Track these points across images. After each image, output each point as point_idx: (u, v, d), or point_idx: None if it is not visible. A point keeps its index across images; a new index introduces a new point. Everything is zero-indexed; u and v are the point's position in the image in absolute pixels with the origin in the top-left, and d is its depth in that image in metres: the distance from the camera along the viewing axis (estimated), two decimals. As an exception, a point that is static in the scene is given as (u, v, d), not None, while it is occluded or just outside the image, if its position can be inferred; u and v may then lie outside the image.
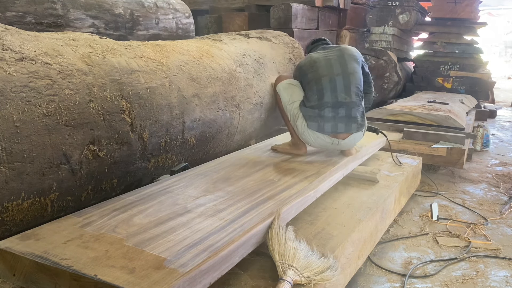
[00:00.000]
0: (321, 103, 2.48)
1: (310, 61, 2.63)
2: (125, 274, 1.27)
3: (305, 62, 2.68)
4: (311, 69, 2.59)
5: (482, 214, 3.11)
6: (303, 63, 2.68)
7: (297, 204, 1.99)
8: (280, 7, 4.83)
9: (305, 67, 2.64)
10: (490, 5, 14.43)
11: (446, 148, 3.74)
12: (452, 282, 2.25)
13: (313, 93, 2.52)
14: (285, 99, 2.66)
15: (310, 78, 2.56)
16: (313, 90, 2.52)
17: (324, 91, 2.49)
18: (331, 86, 2.49)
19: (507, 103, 8.95)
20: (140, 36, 3.58)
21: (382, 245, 2.60)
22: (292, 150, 2.69)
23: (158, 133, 2.35)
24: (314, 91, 2.52)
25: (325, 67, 2.55)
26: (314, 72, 2.57)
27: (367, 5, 7.18)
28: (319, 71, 2.55)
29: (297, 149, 2.68)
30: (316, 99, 2.50)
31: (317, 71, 2.56)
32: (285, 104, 2.67)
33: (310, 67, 2.60)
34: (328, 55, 2.62)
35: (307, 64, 2.64)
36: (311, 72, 2.58)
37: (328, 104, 2.47)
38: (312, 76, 2.56)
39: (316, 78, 2.54)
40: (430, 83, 6.78)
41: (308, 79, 2.58)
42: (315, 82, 2.53)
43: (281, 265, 1.60)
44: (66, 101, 1.88)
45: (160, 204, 1.80)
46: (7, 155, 1.65)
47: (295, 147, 2.69)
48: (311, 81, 2.55)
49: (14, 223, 1.76)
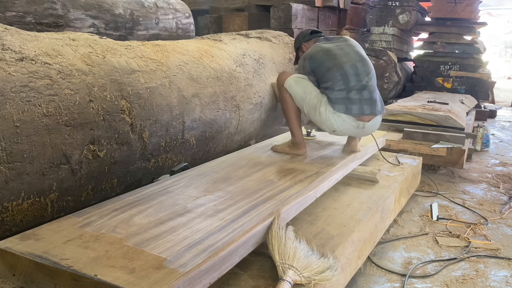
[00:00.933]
0: (348, 87, 2.52)
1: (322, 50, 2.62)
2: (125, 274, 1.27)
3: (316, 52, 2.63)
4: (327, 57, 2.57)
5: (482, 214, 3.11)
6: (314, 53, 2.63)
7: (297, 204, 1.99)
8: (280, 7, 4.83)
9: (319, 56, 2.60)
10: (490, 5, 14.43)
11: (446, 148, 3.74)
12: (452, 282, 2.25)
13: (337, 79, 2.52)
14: (300, 92, 2.61)
15: (330, 66, 2.55)
16: (336, 76, 2.52)
17: (349, 76, 2.52)
18: (354, 71, 2.54)
19: (507, 103, 8.95)
20: (140, 36, 3.58)
21: (382, 245, 2.60)
22: (292, 150, 2.68)
23: (158, 133, 2.35)
24: (337, 78, 2.52)
25: (342, 55, 2.57)
26: (332, 59, 2.56)
27: (367, 5, 7.18)
28: (338, 59, 2.56)
29: (297, 149, 2.67)
30: (342, 84, 2.52)
31: (336, 58, 2.56)
32: (300, 97, 2.61)
33: (326, 55, 2.58)
34: (339, 45, 2.64)
35: (320, 53, 2.61)
36: (329, 60, 2.56)
37: (355, 87, 2.52)
38: (332, 63, 2.55)
39: (337, 65, 2.54)
40: (430, 83, 6.78)
41: (327, 67, 2.56)
42: (337, 68, 2.53)
43: (281, 265, 1.60)
44: (66, 101, 1.88)
45: (160, 204, 1.80)
46: (7, 155, 1.65)
47: (295, 147, 2.68)
48: (332, 68, 2.54)
49: (14, 223, 1.76)
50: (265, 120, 3.40)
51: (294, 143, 2.69)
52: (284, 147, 2.72)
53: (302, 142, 2.68)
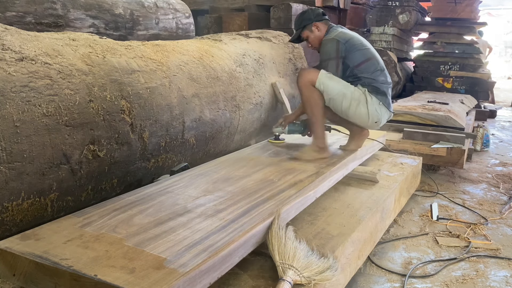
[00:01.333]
0: (387, 81, 2.54)
1: (356, 37, 2.55)
2: (125, 274, 1.27)
3: (351, 37, 2.51)
4: (362, 46, 2.51)
5: (482, 214, 3.11)
6: (349, 38, 2.50)
7: (297, 204, 1.99)
8: (280, 7, 4.83)
9: (356, 43, 2.51)
10: (490, 5, 14.43)
11: (446, 148, 3.74)
12: (452, 282, 2.25)
13: (377, 69, 2.50)
14: (338, 87, 2.45)
15: (369, 56, 2.51)
16: (376, 66, 2.51)
17: (385, 71, 2.56)
18: (385, 67, 2.59)
19: (507, 103, 8.95)
20: (140, 36, 3.58)
21: (382, 245, 2.60)
22: (321, 154, 2.52)
23: (158, 133, 2.35)
24: (377, 68, 2.51)
25: (372, 49, 2.58)
26: (368, 50, 2.52)
27: (367, 5, 7.18)
28: (372, 51, 2.55)
29: (324, 152, 2.54)
30: (383, 76, 2.53)
31: (370, 50, 2.54)
32: (340, 92, 2.45)
33: (361, 44, 2.52)
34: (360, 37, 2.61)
35: (354, 39, 2.52)
36: (366, 49, 2.52)
37: (389, 83, 2.58)
38: (370, 54, 2.52)
39: (375, 57, 2.53)
40: (430, 83, 6.79)
41: (366, 56, 2.50)
42: (377, 61, 2.53)
43: (281, 265, 1.60)
44: (66, 101, 1.88)
45: (160, 204, 1.80)
46: (7, 155, 1.65)
47: (322, 151, 2.53)
48: (371, 59, 2.51)
49: (14, 223, 1.76)
50: (265, 120, 3.40)
51: (322, 147, 2.54)
52: (311, 153, 2.53)
53: (327, 144, 2.57)
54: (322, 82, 2.44)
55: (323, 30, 2.61)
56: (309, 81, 2.46)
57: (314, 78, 2.44)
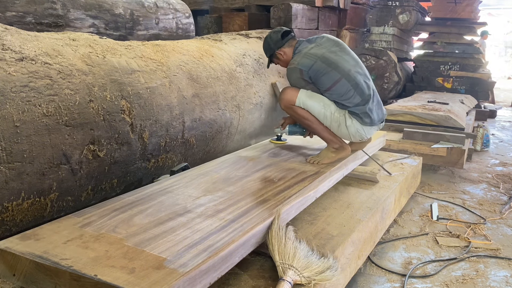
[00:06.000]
0: (364, 98, 2.39)
1: (317, 57, 2.37)
2: (125, 274, 1.27)
3: (311, 61, 2.37)
4: (329, 67, 2.36)
5: (482, 214, 3.11)
6: (309, 63, 2.37)
7: (297, 204, 1.99)
8: (280, 7, 4.83)
9: (318, 66, 2.36)
10: (490, 5, 14.42)
11: (446, 148, 3.74)
12: (452, 282, 2.25)
13: (349, 89, 2.36)
14: (318, 107, 2.40)
15: (336, 77, 2.35)
16: (347, 87, 2.35)
17: (360, 85, 2.38)
18: (361, 77, 2.41)
19: (507, 103, 8.95)
20: (140, 36, 3.58)
21: (382, 245, 2.60)
22: (339, 154, 2.51)
23: (158, 133, 2.35)
24: (349, 88, 2.36)
25: (342, 61, 2.39)
26: (335, 69, 2.36)
27: (367, 5, 7.18)
28: (341, 67, 2.37)
29: (343, 151, 2.51)
30: (357, 95, 2.38)
31: (338, 67, 2.37)
32: (319, 112, 2.41)
33: (325, 64, 2.36)
34: (330, 49, 2.43)
35: (317, 62, 2.37)
36: (332, 69, 2.36)
37: (369, 96, 2.41)
38: (338, 73, 2.36)
39: (344, 74, 2.36)
40: (430, 83, 6.78)
41: (333, 79, 2.36)
42: (346, 78, 2.36)
43: (281, 265, 1.60)
44: (66, 101, 1.88)
45: (160, 204, 1.80)
46: (7, 155, 1.65)
47: (340, 150, 2.51)
48: (341, 79, 2.35)
49: (14, 223, 1.76)
50: (265, 120, 3.40)
51: (338, 148, 2.50)
52: (329, 155, 2.49)
53: (343, 142, 2.54)
54: (302, 102, 2.41)
55: (289, 53, 2.51)
56: (289, 102, 2.43)
57: (294, 98, 2.41)
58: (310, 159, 2.49)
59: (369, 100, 2.41)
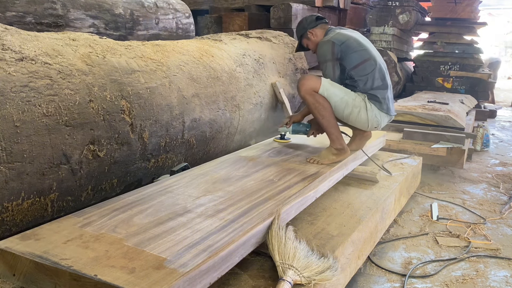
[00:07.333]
0: (385, 83, 2.50)
1: (352, 38, 2.48)
2: (125, 274, 1.27)
3: (346, 39, 2.46)
4: (360, 47, 2.46)
5: (482, 214, 3.11)
6: (344, 39, 2.45)
7: (297, 204, 1.99)
8: (280, 7, 4.83)
9: (351, 44, 2.45)
10: (490, 5, 14.41)
11: (446, 148, 3.74)
12: (452, 282, 2.25)
13: (374, 70, 2.46)
14: (339, 94, 2.43)
15: (366, 57, 2.45)
16: (374, 67, 2.46)
17: (384, 70, 2.51)
18: (384, 67, 2.54)
19: (507, 103, 8.95)
20: (140, 36, 3.58)
21: (382, 245, 2.60)
22: (340, 156, 2.50)
23: (158, 133, 2.35)
24: (375, 69, 2.46)
25: (371, 48, 2.53)
26: (365, 50, 2.47)
27: (367, 5, 7.18)
28: (371, 51, 2.50)
29: (344, 154, 2.52)
30: (379, 78, 2.47)
31: (368, 50, 2.49)
32: (340, 98, 2.44)
33: (358, 45, 2.47)
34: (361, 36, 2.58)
35: (351, 40, 2.46)
36: (363, 50, 2.46)
37: (388, 85, 2.52)
38: (368, 55, 2.46)
39: (373, 58, 2.47)
40: (430, 83, 6.78)
41: (363, 57, 2.45)
42: (374, 62, 2.47)
43: (281, 265, 1.60)
44: (66, 101, 1.88)
45: (160, 204, 1.80)
46: (7, 155, 1.65)
47: (341, 153, 2.51)
48: (369, 59, 2.46)
49: (14, 223, 1.76)
50: (265, 120, 3.40)
51: (339, 149, 2.50)
52: (329, 156, 2.49)
53: (345, 144, 2.54)
54: (326, 89, 2.42)
55: (320, 35, 2.60)
56: (312, 88, 2.43)
57: (317, 85, 2.42)
58: (310, 159, 2.50)
59: (388, 88, 2.53)
